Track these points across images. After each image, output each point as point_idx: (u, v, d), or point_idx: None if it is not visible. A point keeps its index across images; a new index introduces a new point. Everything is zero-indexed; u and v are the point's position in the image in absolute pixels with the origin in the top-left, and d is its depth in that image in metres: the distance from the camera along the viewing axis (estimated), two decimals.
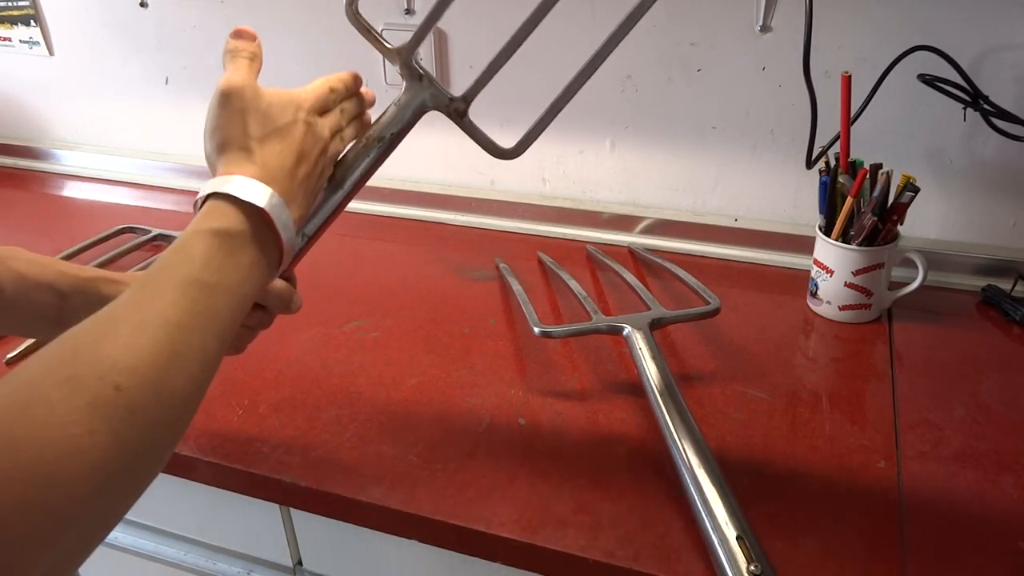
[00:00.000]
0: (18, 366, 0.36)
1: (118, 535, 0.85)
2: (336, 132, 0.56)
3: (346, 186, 0.58)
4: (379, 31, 0.59)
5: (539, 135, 0.63)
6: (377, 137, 0.58)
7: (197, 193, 0.48)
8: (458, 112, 0.61)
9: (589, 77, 0.61)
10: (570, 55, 0.59)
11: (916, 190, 0.76)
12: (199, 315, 0.42)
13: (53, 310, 0.58)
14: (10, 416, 0.33)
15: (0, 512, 0.30)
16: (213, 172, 0.50)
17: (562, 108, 0.62)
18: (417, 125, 0.60)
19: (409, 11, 0.97)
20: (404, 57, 0.59)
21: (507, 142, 0.62)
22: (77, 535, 0.34)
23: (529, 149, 0.61)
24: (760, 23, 0.85)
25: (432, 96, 0.60)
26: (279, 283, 0.58)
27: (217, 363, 0.43)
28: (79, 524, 0.33)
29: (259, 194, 0.47)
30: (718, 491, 0.56)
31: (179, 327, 0.40)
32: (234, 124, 0.51)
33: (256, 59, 0.58)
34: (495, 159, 0.62)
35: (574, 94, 0.61)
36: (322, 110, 0.56)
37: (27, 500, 0.31)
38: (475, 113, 0.61)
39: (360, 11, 0.58)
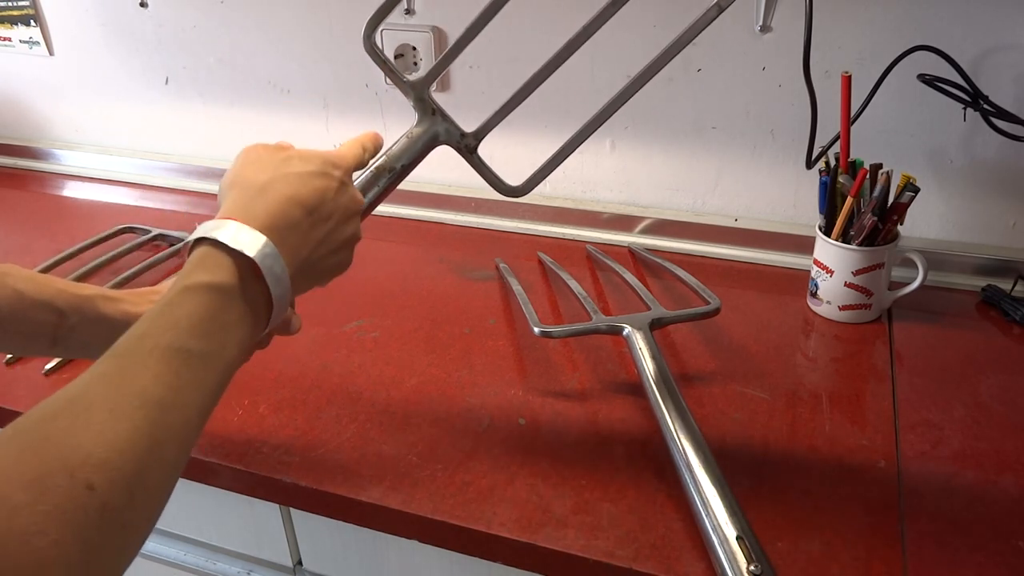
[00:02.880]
0: None
1: None
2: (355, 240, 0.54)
3: None
4: (391, 60, 0.59)
5: (547, 176, 0.63)
6: (388, 168, 0.58)
7: (196, 194, 0.48)
8: (468, 148, 0.62)
9: (602, 124, 0.62)
10: (572, 59, 0.60)
11: (916, 190, 0.76)
12: (182, 389, 0.38)
13: (50, 328, 0.56)
14: None
15: None
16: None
17: (572, 152, 0.62)
18: None
19: (409, 11, 0.97)
20: (418, 92, 0.60)
21: (509, 142, 0.62)
22: None
23: (530, 150, 0.62)
24: (760, 23, 0.85)
25: (444, 131, 0.60)
26: None
27: (195, 441, 0.40)
28: None
29: (250, 243, 0.44)
30: (718, 491, 0.56)
31: (160, 406, 0.37)
32: (249, 165, 0.50)
33: (366, 151, 0.57)
34: (494, 157, 0.63)
35: (586, 138, 0.62)
36: (359, 167, 0.55)
37: None
38: (482, 115, 0.62)
39: (381, 46, 0.59)
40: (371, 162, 0.59)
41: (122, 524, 0.34)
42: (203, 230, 0.45)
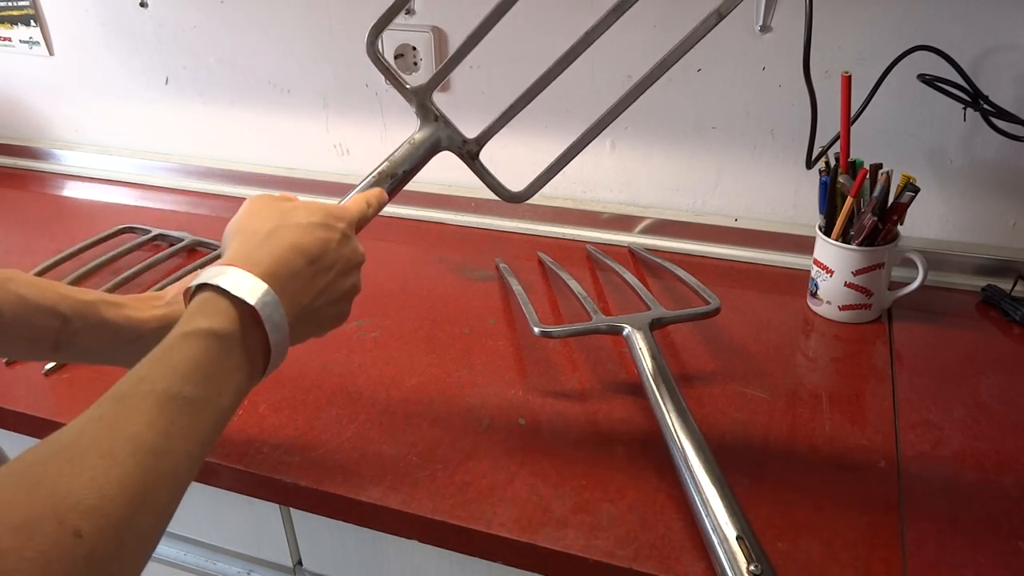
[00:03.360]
0: None
1: None
2: (354, 292, 0.54)
3: None
4: (393, 64, 0.60)
5: (548, 181, 0.64)
6: (389, 173, 0.59)
7: (196, 193, 0.47)
8: (470, 154, 0.62)
9: (602, 130, 0.62)
10: (574, 63, 0.60)
11: (916, 190, 0.76)
12: (176, 436, 0.38)
13: (53, 333, 0.56)
14: None
15: None
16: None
17: (574, 156, 0.63)
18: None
19: (409, 11, 0.97)
20: (420, 98, 0.60)
21: (509, 142, 0.62)
22: None
23: (531, 150, 0.62)
24: (760, 23, 0.85)
25: (447, 137, 0.61)
26: None
27: (186, 487, 0.40)
28: None
29: (251, 290, 0.44)
30: (718, 491, 0.56)
31: (152, 452, 0.37)
32: (254, 214, 0.50)
33: (370, 206, 0.57)
34: (495, 157, 0.63)
35: (586, 145, 0.62)
36: (361, 224, 0.56)
37: None
38: (482, 115, 0.62)
39: (381, 50, 0.59)
40: (374, 168, 0.59)
41: (109, 572, 0.33)
42: (205, 276, 0.45)
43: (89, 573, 0.32)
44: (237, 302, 0.44)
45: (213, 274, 0.45)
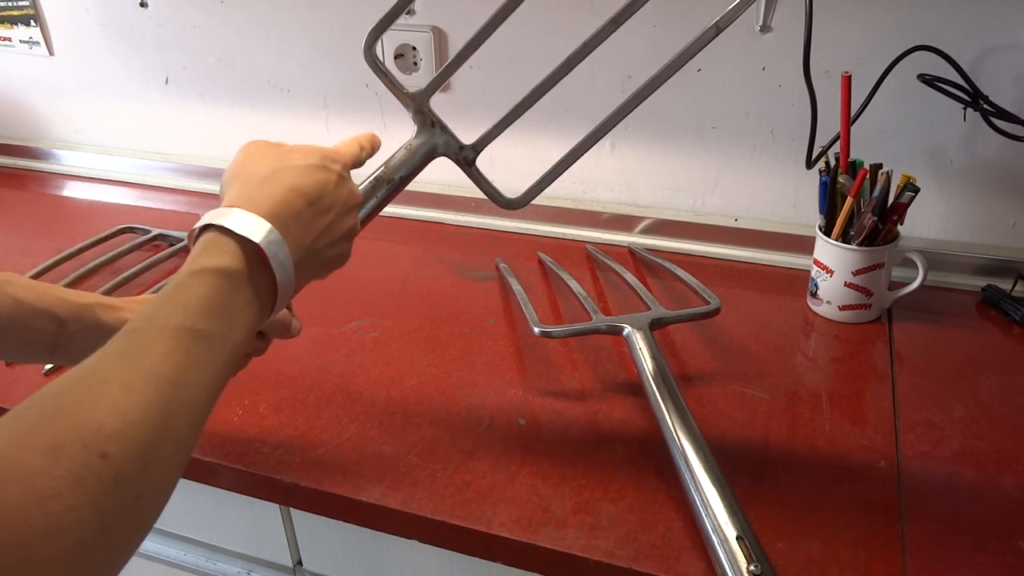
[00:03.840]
0: None
1: None
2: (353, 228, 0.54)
3: None
4: (391, 71, 0.60)
5: (545, 188, 0.64)
6: (386, 179, 0.59)
7: (196, 194, 0.48)
8: (467, 160, 0.62)
9: (600, 138, 0.62)
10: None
11: (916, 190, 0.76)
12: (193, 368, 0.39)
13: (49, 336, 0.56)
14: None
15: None
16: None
17: (571, 164, 0.63)
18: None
19: (409, 12, 0.97)
20: (418, 104, 0.60)
21: (509, 142, 0.62)
22: None
23: (530, 149, 0.62)
24: (760, 23, 0.85)
25: (444, 143, 0.60)
26: None
27: (206, 419, 0.41)
28: None
29: (255, 228, 0.45)
30: (718, 491, 0.56)
31: (171, 383, 0.38)
32: (251, 159, 0.51)
33: (363, 150, 0.57)
34: (494, 157, 0.63)
35: (584, 152, 0.62)
36: (355, 165, 0.56)
37: None
38: (481, 115, 0.61)
39: (378, 54, 0.59)
40: (370, 173, 0.59)
41: (136, 494, 0.34)
42: (209, 217, 0.45)
43: (117, 492, 0.33)
44: (242, 241, 0.44)
45: (216, 215, 0.45)
